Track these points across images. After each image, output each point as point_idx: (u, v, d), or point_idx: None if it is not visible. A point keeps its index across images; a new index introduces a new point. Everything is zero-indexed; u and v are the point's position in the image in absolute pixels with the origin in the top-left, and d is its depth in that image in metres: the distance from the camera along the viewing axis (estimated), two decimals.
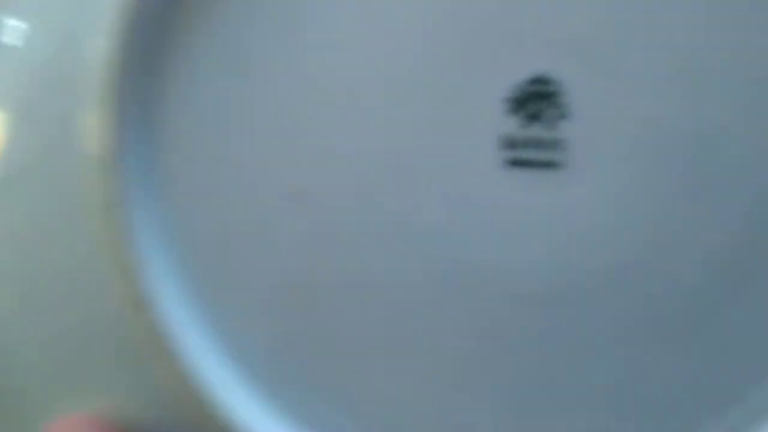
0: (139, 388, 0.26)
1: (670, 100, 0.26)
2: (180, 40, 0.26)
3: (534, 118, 0.26)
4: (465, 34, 0.26)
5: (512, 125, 0.26)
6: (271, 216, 0.26)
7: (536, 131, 0.26)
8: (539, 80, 0.26)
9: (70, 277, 0.27)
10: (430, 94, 0.26)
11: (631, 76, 0.26)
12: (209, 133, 0.26)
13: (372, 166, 0.26)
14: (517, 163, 0.26)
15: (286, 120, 0.26)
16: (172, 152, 0.26)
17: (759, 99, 0.26)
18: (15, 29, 0.29)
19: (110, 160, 0.25)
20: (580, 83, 0.26)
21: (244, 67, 0.26)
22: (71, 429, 0.26)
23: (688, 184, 0.26)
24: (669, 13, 0.26)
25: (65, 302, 0.27)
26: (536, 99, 0.26)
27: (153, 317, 0.25)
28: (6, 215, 0.28)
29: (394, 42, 0.26)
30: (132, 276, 0.25)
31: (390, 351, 0.26)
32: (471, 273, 0.26)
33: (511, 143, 0.26)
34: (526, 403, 0.26)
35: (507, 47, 0.26)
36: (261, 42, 0.26)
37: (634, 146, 0.26)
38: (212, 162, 0.26)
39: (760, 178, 0.26)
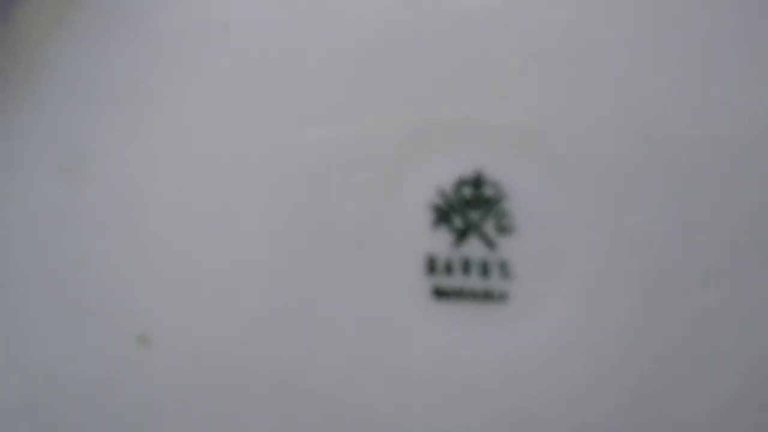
0: None
1: (652, 200, 0.19)
2: None
3: (466, 232, 0.19)
4: (375, 116, 0.20)
5: (440, 242, 0.20)
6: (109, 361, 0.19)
7: (470, 250, 0.19)
8: (473, 181, 0.19)
9: None
10: (328, 200, 0.20)
11: (599, 173, 0.19)
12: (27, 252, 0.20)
13: (250, 298, 0.20)
14: (445, 294, 0.19)
15: (132, 238, 0.19)
16: None
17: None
18: None
19: None
20: (528, 184, 0.19)
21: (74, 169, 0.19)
22: None
23: (683, 320, 0.19)
24: (635, 92, 0.19)
25: None
26: (469, 206, 0.19)
27: None
28: None
29: (285, 127, 0.20)
30: None
31: None
32: None
33: (437, 267, 0.19)
34: None
35: (432, 135, 0.20)
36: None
37: (604, 270, 0.19)
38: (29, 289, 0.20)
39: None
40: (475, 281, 0.19)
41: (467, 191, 0.19)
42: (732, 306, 0.19)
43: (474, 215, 0.19)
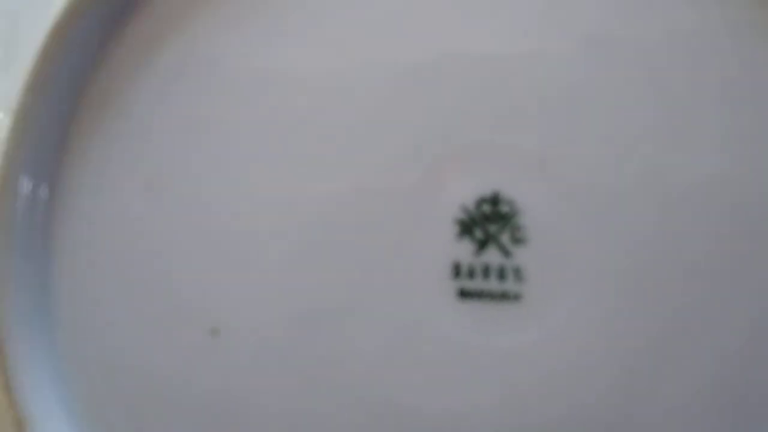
0: None
1: (643, 220, 0.22)
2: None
3: (486, 243, 0.22)
4: (407, 143, 0.23)
5: (463, 251, 0.23)
6: (185, 353, 0.23)
7: (489, 258, 0.22)
8: (491, 199, 0.23)
9: None
10: (368, 214, 0.23)
11: (599, 194, 0.22)
12: (111, 259, 0.23)
13: (303, 297, 0.23)
14: (468, 295, 0.22)
15: (203, 246, 0.23)
16: (66, 281, 0.23)
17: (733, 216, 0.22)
18: None
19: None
20: (538, 202, 0.23)
21: (154, 183, 0.23)
22: None
23: (667, 320, 0.22)
24: (638, 124, 0.22)
25: None
26: (488, 221, 0.22)
27: None
28: None
29: (329, 155, 0.23)
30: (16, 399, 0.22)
31: None
32: (410, 420, 0.23)
33: (461, 272, 0.23)
34: None
35: (455, 161, 0.23)
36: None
37: (602, 276, 0.22)
38: (114, 292, 0.23)
39: (736, 311, 0.22)
40: (493, 284, 0.23)
41: (486, 208, 0.22)
42: (727, 306, 0.22)
43: (492, 228, 0.22)
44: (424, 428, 0.23)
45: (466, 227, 0.23)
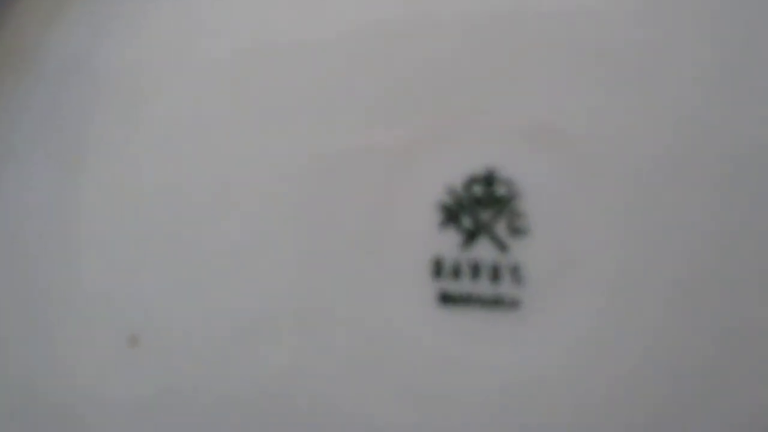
0: None
1: (673, 209, 0.18)
2: None
3: (476, 234, 0.18)
4: (380, 109, 0.19)
5: (447, 244, 0.19)
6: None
7: (479, 253, 0.18)
8: (485, 179, 0.18)
9: None
10: (329, 195, 0.19)
11: (619, 176, 0.18)
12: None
13: (245, 302, 0.19)
14: (452, 300, 0.18)
15: (125, 237, 0.19)
16: None
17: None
18: None
19: None
20: (543, 183, 0.18)
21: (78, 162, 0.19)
22: None
23: (704, 335, 0.18)
24: (672, 88, 0.18)
25: None
26: (480, 206, 0.18)
27: None
28: None
29: (287, 127, 0.19)
30: None
31: None
32: None
33: (443, 270, 0.18)
34: None
35: (439, 130, 0.19)
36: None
37: (621, 278, 0.18)
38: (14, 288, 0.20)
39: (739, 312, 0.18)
40: (484, 286, 0.18)
41: (478, 189, 0.19)
42: (753, 310, 0.18)
43: (485, 215, 0.19)
44: None
45: (451, 213, 0.19)
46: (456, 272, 0.18)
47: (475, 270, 0.18)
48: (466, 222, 0.19)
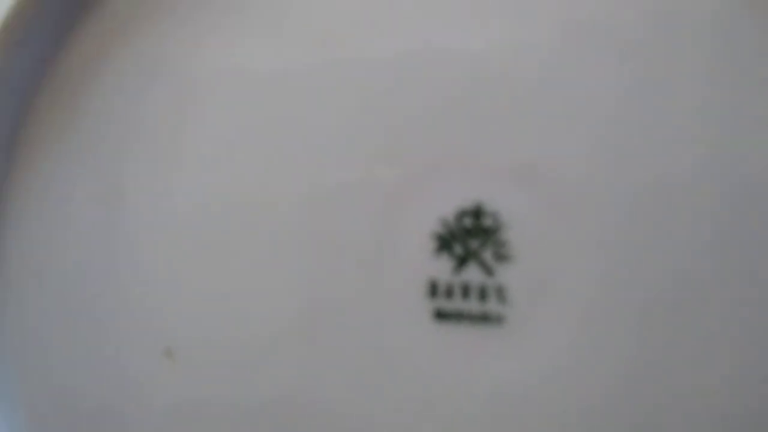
0: None
1: (644, 235, 0.20)
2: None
3: (466, 259, 0.20)
4: (380, 148, 0.21)
5: (441, 268, 0.21)
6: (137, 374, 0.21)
7: (469, 276, 0.20)
8: (473, 212, 0.21)
9: None
10: (335, 224, 0.21)
11: (594, 206, 0.20)
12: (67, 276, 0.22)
13: (259, 320, 0.21)
14: (445, 316, 0.20)
15: (162, 261, 0.21)
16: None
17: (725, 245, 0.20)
18: None
19: None
20: (525, 215, 0.20)
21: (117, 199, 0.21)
22: None
23: (674, 350, 0.20)
24: (638, 124, 0.20)
25: None
26: (469, 235, 0.20)
27: None
28: None
29: (295, 161, 0.21)
30: None
31: None
32: None
33: (438, 290, 0.21)
34: None
35: (434, 169, 0.21)
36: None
37: (596, 298, 0.20)
38: (64, 309, 0.22)
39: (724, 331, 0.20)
40: (473, 305, 0.21)
41: (468, 221, 0.20)
42: (727, 330, 0.20)
43: (473, 243, 0.20)
44: None
45: (444, 242, 0.21)
46: (449, 293, 0.21)
47: (466, 291, 0.21)
48: (458, 249, 0.21)
